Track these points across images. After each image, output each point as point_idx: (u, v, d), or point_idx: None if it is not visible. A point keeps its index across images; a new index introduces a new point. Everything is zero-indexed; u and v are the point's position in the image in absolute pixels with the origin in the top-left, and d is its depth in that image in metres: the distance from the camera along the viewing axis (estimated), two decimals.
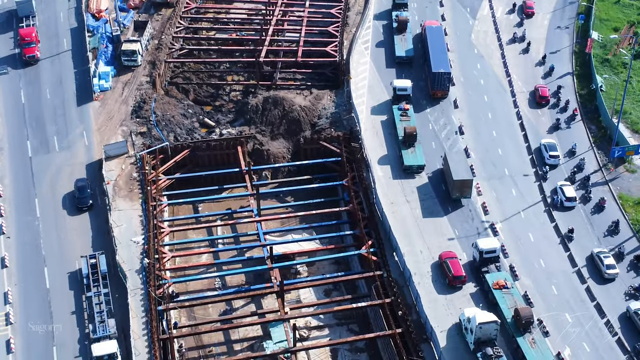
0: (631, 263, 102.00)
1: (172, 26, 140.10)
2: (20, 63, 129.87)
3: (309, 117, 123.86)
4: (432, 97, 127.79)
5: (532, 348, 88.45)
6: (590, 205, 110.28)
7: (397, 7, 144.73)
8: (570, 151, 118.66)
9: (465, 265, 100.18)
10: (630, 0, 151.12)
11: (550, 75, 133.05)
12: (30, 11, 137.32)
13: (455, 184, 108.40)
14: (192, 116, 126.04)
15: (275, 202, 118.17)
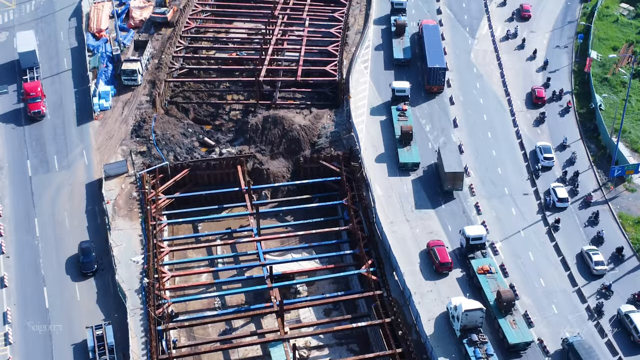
0: (613, 255, 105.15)
1: (172, 45, 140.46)
2: (25, 119, 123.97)
3: (308, 137, 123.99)
4: (428, 92, 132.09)
5: (513, 328, 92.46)
6: (578, 200, 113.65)
7: (396, 12, 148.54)
8: (562, 145, 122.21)
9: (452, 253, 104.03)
10: (629, 20, 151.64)
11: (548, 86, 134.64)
12: (34, 62, 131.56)
13: (447, 176, 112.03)
14: (192, 135, 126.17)
15: (275, 221, 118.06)
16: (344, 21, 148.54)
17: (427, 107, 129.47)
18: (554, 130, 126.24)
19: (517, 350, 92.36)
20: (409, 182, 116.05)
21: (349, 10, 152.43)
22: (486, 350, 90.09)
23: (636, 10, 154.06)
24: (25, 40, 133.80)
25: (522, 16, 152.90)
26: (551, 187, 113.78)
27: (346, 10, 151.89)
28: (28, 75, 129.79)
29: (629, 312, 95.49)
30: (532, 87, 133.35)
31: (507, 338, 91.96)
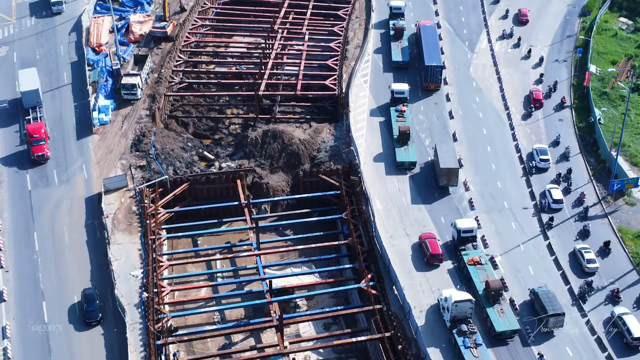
0: (600, 249, 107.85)
1: (172, 60, 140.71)
2: (28, 162, 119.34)
3: (308, 151, 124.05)
4: (426, 90, 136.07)
5: (500, 317, 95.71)
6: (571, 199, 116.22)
7: (394, 16, 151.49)
8: (555, 141, 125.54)
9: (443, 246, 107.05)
10: (628, 34, 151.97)
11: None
12: (37, 102, 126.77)
13: (442, 171, 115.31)
14: (192, 149, 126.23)
15: (274, 235, 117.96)
16: (343, 35, 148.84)
17: (427, 121, 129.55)
18: (550, 130, 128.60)
19: (504, 338, 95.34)
20: (406, 179, 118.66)
21: (348, 24, 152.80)
22: (475, 340, 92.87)
23: (635, 24, 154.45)
24: (27, 78, 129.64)
25: (520, 20, 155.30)
26: (546, 189, 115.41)
27: (345, 24, 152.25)
28: (31, 115, 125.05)
29: (622, 314, 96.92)
30: (530, 89, 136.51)
31: (494, 326, 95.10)
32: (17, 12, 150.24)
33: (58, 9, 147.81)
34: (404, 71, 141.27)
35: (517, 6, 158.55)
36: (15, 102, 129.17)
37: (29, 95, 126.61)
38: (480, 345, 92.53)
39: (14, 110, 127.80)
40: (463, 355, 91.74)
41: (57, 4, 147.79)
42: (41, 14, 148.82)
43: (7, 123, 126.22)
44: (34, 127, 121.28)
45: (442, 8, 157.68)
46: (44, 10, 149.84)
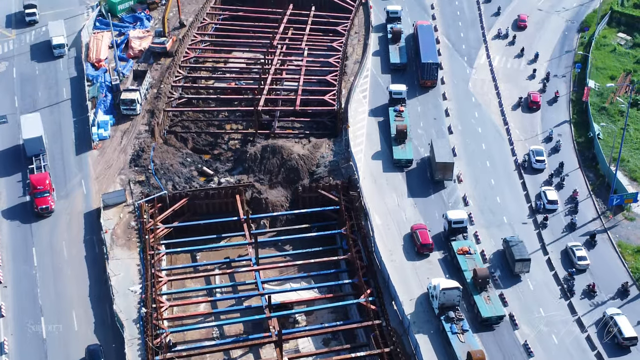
0: (586, 242, 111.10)
1: (171, 75, 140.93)
2: (32, 215, 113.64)
3: (307, 166, 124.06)
4: (422, 86, 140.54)
5: (487, 304, 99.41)
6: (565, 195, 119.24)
7: (391, 20, 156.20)
8: (548, 137, 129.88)
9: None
10: (626, 49, 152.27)
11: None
12: (40, 149, 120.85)
13: (437, 166, 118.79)
14: (191, 165, 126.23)
15: (273, 250, 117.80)
16: (342, 51, 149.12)
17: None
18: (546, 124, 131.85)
19: (490, 324, 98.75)
20: (403, 175, 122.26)
21: (347, 40, 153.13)
22: (462, 326, 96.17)
23: (633, 39, 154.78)
24: (30, 124, 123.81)
25: (519, 26, 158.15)
26: (541, 190, 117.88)
27: (345, 40, 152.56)
28: (34, 164, 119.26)
29: (614, 314, 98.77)
30: (528, 92, 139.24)
31: (481, 312, 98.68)
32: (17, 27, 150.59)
33: (60, 52, 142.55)
34: (402, 73, 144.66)
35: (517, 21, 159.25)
36: (17, 149, 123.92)
37: (32, 142, 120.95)
38: (467, 331, 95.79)
39: (17, 158, 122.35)
40: (450, 340, 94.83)
41: (58, 47, 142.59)
42: (40, 30, 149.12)
43: (9, 171, 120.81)
44: (37, 178, 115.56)
45: (441, 24, 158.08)
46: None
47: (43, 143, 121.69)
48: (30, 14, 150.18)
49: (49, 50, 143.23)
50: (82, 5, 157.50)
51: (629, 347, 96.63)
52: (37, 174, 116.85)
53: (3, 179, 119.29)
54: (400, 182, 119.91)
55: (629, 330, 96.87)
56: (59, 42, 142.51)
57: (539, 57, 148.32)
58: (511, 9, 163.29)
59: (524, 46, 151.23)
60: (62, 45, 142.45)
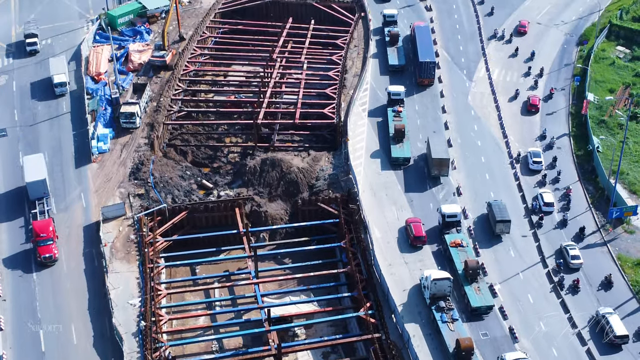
0: (576, 235, 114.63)
1: (171, 88, 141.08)
2: (35, 264, 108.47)
3: (306, 179, 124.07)
4: (420, 85, 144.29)
5: (477, 294, 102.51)
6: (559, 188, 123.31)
7: (388, 24, 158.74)
8: (542, 135, 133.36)
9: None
10: (625, 62, 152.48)
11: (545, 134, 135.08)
12: (44, 192, 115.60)
13: (434, 161, 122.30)
14: (190, 178, 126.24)
15: (273, 264, 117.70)
16: (341, 64, 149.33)
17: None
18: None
19: (479, 313, 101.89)
20: (401, 179, 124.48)
21: (346, 53, 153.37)
22: (452, 315, 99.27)
23: (632, 53, 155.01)
24: (33, 166, 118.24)
25: (519, 31, 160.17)
26: (538, 193, 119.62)
27: (344, 53, 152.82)
28: (37, 209, 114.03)
29: (606, 313, 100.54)
30: (527, 95, 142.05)
31: (470, 302, 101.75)
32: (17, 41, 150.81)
33: (61, 91, 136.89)
34: (400, 74, 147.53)
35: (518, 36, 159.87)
36: (20, 191, 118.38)
37: (35, 186, 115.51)
38: (457, 320, 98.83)
39: (19, 201, 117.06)
40: (440, 329, 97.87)
41: (60, 86, 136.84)
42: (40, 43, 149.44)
43: (10, 216, 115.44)
44: (41, 225, 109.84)
45: (440, 37, 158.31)
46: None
47: (46, 186, 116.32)
48: (31, 44, 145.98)
49: (50, 88, 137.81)
50: (82, 18, 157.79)
51: (620, 345, 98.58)
52: (41, 221, 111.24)
53: (4, 224, 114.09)
54: (399, 194, 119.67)
55: (621, 328, 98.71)
56: (60, 81, 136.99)
57: (543, 71, 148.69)
58: (510, 21, 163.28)
59: (525, 63, 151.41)
60: (64, 83, 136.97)
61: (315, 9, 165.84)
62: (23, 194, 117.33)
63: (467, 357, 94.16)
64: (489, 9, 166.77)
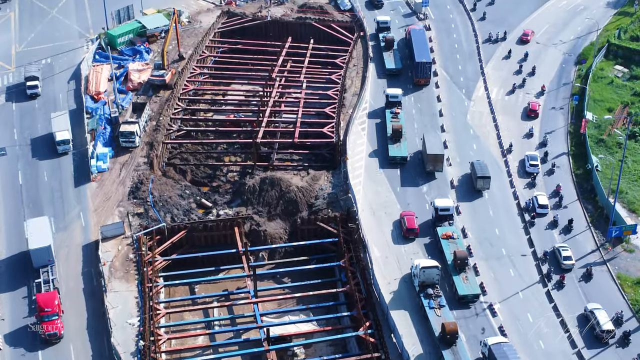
0: (565, 228, 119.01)
1: (170, 108, 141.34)
2: (39, 341, 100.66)
3: (305, 198, 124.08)
4: (416, 85, 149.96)
5: (464, 283, 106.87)
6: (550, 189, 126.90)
7: (381, 30, 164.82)
8: (528, 134, 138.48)
9: None
10: (624, 82, 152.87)
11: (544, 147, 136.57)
12: (48, 259, 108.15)
13: (429, 157, 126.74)
14: (189, 197, 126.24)
15: (272, 283, 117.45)
16: (341, 83, 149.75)
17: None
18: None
19: (466, 301, 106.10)
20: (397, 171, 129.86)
21: (346, 72, 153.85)
22: (439, 302, 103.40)
23: (631, 72, 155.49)
24: (37, 231, 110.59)
25: (522, 39, 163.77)
26: (533, 195, 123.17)
27: (343, 72, 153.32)
28: (42, 278, 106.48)
29: (594, 309, 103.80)
30: (528, 101, 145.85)
31: (458, 290, 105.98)
32: (17, 60, 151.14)
33: (64, 149, 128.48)
34: (396, 77, 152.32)
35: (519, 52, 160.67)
36: (23, 256, 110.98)
37: (40, 253, 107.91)
38: (444, 306, 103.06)
39: (22, 268, 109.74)
40: (427, 315, 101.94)
41: (62, 143, 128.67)
42: (40, 63, 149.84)
43: (12, 285, 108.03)
44: (45, 298, 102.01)
45: (439, 57, 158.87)
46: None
47: (51, 253, 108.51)
48: (32, 87, 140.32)
49: (52, 146, 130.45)
50: (81, 38, 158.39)
51: (607, 340, 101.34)
52: (45, 294, 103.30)
53: (6, 295, 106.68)
54: (399, 213, 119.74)
55: (607, 323, 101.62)
56: (63, 138, 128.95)
57: (544, 92, 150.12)
58: (510, 39, 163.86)
59: (524, 79, 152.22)
60: (67, 141, 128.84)
61: (315, 28, 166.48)
62: (26, 260, 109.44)
63: (452, 340, 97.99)
64: (487, 29, 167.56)
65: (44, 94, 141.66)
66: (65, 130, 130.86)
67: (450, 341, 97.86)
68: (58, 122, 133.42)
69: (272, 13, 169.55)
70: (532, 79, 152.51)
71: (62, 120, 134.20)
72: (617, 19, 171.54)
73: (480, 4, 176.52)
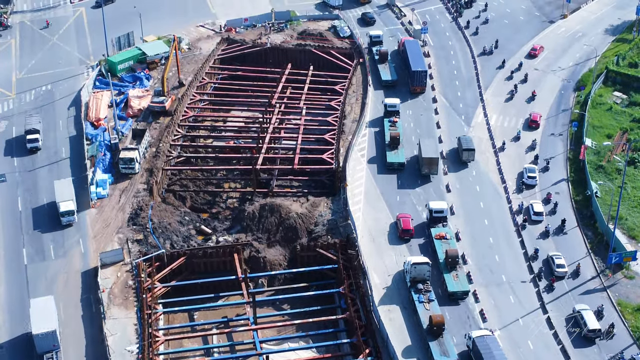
0: (557, 228, 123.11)
1: (170, 134, 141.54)
2: None
3: (305, 224, 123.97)
4: (412, 93, 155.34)
5: (454, 280, 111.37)
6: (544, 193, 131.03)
7: (374, 43, 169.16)
8: (516, 137, 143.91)
9: None
10: (622, 108, 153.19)
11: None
12: (53, 345, 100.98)
13: (424, 160, 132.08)
14: (189, 223, 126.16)
15: (271, 310, 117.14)
16: (340, 110, 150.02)
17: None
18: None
19: (456, 298, 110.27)
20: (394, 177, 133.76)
21: (345, 98, 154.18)
22: (429, 297, 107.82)
23: (629, 98, 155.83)
24: (41, 314, 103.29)
25: (530, 54, 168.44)
26: (530, 203, 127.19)
27: (343, 99, 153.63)
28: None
29: (582, 309, 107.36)
30: (529, 112, 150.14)
31: (447, 287, 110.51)
32: (17, 87, 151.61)
33: (68, 220, 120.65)
34: (392, 88, 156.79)
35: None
36: (25, 340, 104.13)
37: (44, 338, 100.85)
38: (433, 301, 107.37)
39: (25, 353, 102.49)
40: (417, 308, 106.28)
41: (66, 214, 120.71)
42: (40, 89, 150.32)
43: None
44: None
45: (438, 83, 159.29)
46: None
47: (57, 338, 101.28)
48: (32, 140, 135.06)
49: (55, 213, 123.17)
50: (82, 65, 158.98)
51: (593, 339, 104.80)
52: None
53: None
54: (398, 238, 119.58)
55: (594, 323, 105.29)
56: (67, 209, 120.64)
57: (535, 97, 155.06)
58: (509, 66, 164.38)
59: (523, 108, 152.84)
60: (72, 212, 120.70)
61: (314, 55, 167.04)
62: (31, 347, 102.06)
63: (439, 331, 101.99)
64: (489, 53, 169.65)
65: (44, 122, 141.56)
66: (70, 200, 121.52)
67: (437, 333, 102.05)
68: (62, 190, 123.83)
69: (271, 40, 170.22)
70: (531, 104, 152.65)
71: (66, 187, 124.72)
72: (615, 45, 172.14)
73: (482, 38, 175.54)
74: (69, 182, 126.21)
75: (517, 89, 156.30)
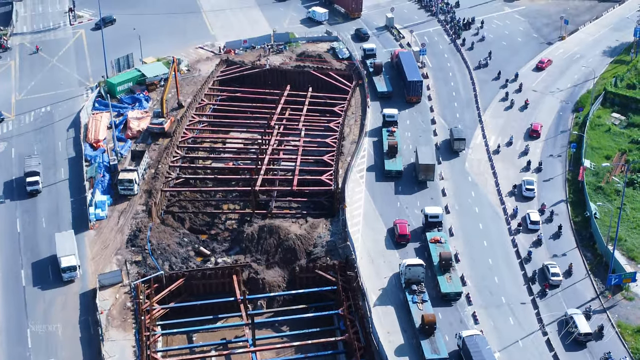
0: (554, 234, 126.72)
1: (169, 155, 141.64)
2: None
3: (304, 246, 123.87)
4: (408, 102, 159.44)
5: (448, 282, 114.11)
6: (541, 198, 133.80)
7: (368, 56, 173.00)
8: (509, 142, 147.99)
9: None
10: (621, 129, 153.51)
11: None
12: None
13: (421, 167, 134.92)
14: (188, 245, 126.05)
15: (270, 331, 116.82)
16: (339, 131, 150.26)
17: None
18: None
19: (449, 299, 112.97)
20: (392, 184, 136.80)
21: (344, 120, 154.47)
22: (422, 298, 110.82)
23: (628, 119, 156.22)
24: (65, 240, 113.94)
25: (537, 67, 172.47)
26: (527, 213, 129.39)
27: (342, 120, 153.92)
28: None
29: (573, 314, 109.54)
30: (530, 122, 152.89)
31: (441, 288, 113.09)
32: (16, 108, 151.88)
33: (70, 276, 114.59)
34: (388, 99, 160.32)
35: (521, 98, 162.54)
36: None
37: (68, 259, 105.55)
38: (426, 301, 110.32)
39: None
40: (410, 308, 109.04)
41: (68, 270, 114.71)
42: (40, 111, 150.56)
43: None
44: None
45: (437, 104, 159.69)
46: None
47: (77, 260, 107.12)
48: (32, 183, 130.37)
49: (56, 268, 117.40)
50: (81, 86, 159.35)
51: (585, 343, 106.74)
52: None
53: None
54: (397, 261, 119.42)
55: (585, 327, 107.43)
56: (69, 265, 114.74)
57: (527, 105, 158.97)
58: (508, 89, 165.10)
59: (522, 126, 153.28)
60: (74, 267, 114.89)
61: (313, 76, 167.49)
62: None
63: (430, 330, 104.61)
64: (482, 77, 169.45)
65: (43, 143, 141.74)
66: (72, 254, 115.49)
67: (429, 332, 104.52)
68: (62, 244, 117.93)
69: (270, 61, 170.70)
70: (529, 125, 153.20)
71: (68, 240, 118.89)
72: (613, 67, 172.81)
73: (477, 53, 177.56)
74: (70, 235, 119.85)
75: (514, 103, 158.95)
